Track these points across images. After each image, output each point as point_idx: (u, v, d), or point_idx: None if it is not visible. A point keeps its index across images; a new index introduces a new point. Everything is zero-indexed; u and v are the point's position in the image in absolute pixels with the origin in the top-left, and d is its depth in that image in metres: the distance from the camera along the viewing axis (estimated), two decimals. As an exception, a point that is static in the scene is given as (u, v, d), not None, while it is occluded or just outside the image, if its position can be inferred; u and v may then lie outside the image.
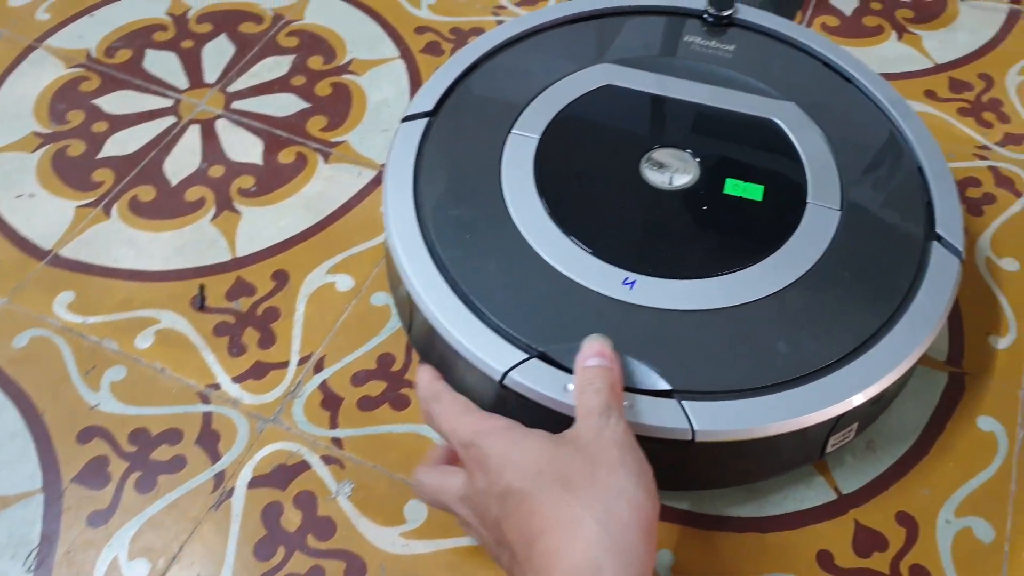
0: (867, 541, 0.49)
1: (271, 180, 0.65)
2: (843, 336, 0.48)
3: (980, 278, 0.60)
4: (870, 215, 0.53)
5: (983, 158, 0.67)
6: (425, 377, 0.46)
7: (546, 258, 0.50)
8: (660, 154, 0.55)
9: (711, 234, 0.52)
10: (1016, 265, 0.61)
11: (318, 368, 0.55)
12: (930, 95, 0.72)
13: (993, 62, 0.74)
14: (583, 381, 0.43)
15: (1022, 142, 0.68)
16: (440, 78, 0.60)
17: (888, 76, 0.73)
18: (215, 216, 0.63)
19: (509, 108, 0.58)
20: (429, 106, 0.58)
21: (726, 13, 0.63)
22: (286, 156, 0.67)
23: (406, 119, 0.57)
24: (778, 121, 0.57)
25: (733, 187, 0.54)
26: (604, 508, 0.37)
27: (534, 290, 0.49)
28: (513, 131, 0.56)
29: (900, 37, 0.77)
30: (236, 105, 0.70)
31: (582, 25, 0.64)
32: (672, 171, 0.55)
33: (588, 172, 0.55)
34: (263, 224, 0.63)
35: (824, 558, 0.49)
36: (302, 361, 0.56)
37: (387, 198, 0.53)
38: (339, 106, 0.70)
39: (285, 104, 0.70)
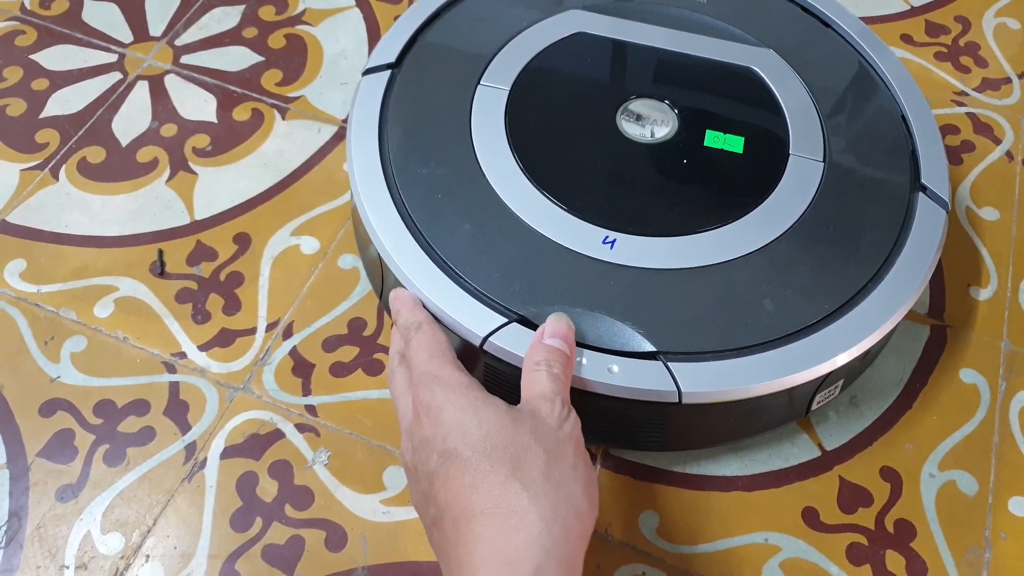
0: (852, 497, 0.49)
1: (227, 138, 0.62)
2: (829, 293, 0.47)
3: (960, 228, 0.59)
4: (854, 166, 0.51)
5: (961, 104, 0.66)
6: (408, 302, 0.45)
7: (522, 217, 0.48)
8: (637, 105, 0.53)
9: (692, 189, 0.51)
10: (996, 214, 0.60)
11: (287, 334, 0.53)
12: (906, 39, 0.70)
13: (970, 4, 0.73)
14: (541, 357, 0.41)
15: (1000, 87, 0.67)
16: (402, 28, 0.57)
17: (864, 20, 0.71)
18: (170, 177, 0.60)
19: (476, 59, 0.55)
20: (391, 58, 0.55)
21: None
22: (241, 113, 0.63)
23: (368, 72, 0.54)
24: (757, 69, 0.55)
25: (713, 139, 0.52)
26: (552, 508, 0.35)
27: (511, 251, 0.47)
28: (481, 83, 0.54)
29: (877, -21, 0.75)
30: (185, 59, 0.66)
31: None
32: (650, 123, 0.53)
33: (562, 125, 0.53)
34: (221, 185, 0.59)
35: (810, 515, 0.48)
36: (270, 327, 0.53)
37: (352, 157, 0.50)
38: (294, 59, 0.67)
39: (237, 58, 0.66)
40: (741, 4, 0.59)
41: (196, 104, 0.64)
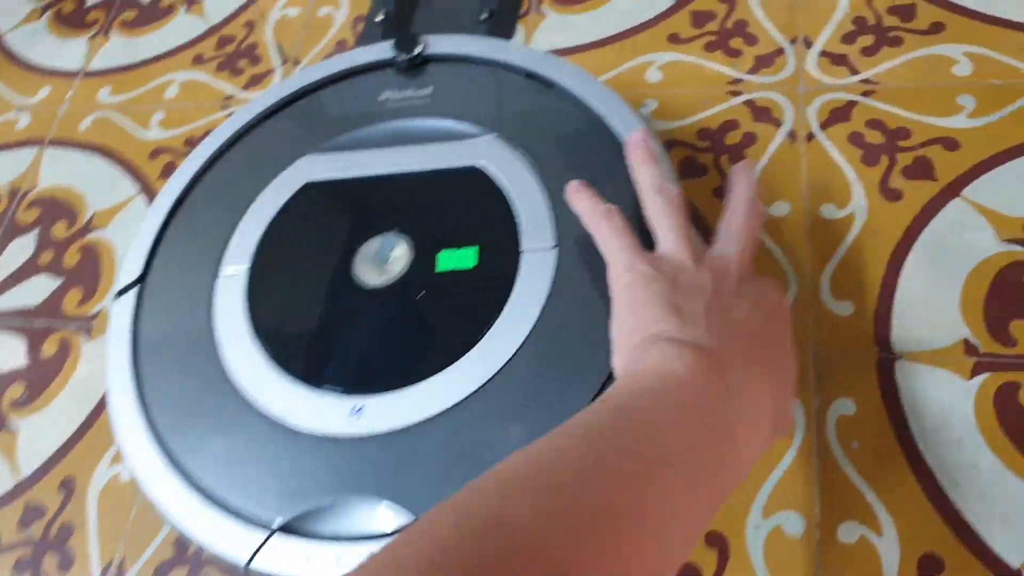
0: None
1: (40, 380, 0.63)
2: (583, 382, 0.45)
3: (751, 237, 0.57)
4: (585, 242, 0.50)
5: (737, 94, 0.63)
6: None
7: (271, 414, 0.48)
8: (371, 247, 0.52)
9: (432, 324, 0.50)
10: (787, 207, 0.57)
11: (120, 573, 0.54)
12: (674, 39, 0.67)
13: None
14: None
15: (773, 62, 0.64)
16: (144, 236, 0.57)
17: (627, 32, 0.68)
18: (-5, 439, 0.61)
19: (212, 250, 0.55)
20: (137, 272, 0.55)
21: (416, 52, 0.59)
22: (49, 347, 0.65)
23: (118, 294, 0.55)
24: (483, 165, 0.54)
25: (447, 260, 0.51)
26: None
27: (263, 454, 0.47)
28: (221, 272, 0.54)
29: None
30: (-11, 311, 0.68)
31: (285, 114, 0.61)
32: (385, 263, 0.52)
33: (303, 295, 0.52)
34: (43, 433, 0.61)
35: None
36: (104, 573, 0.54)
37: (109, 389, 0.51)
38: (90, 272, 0.67)
39: (38, 288, 0.68)
40: (465, 91, 0.58)
41: (6, 354, 0.65)
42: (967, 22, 0.62)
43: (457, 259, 0.51)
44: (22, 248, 0.70)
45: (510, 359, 0.47)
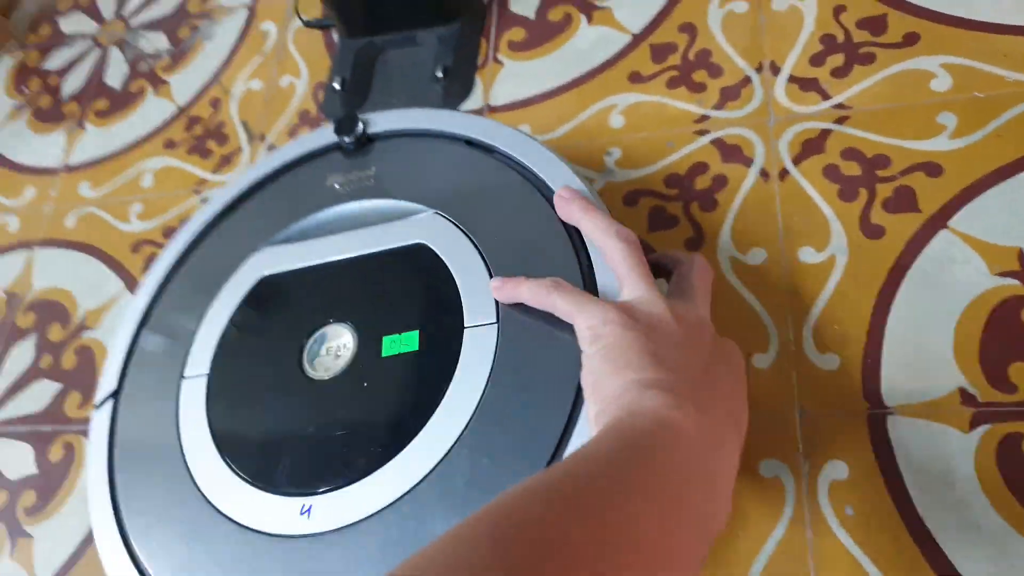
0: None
1: (49, 486, 0.65)
2: (531, 458, 0.43)
3: (730, 289, 0.54)
4: (526, 312, 0.48)
5: (704, 132, 0.60)
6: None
7: (229, 516, 0.48)
8: (317, 340, 0.52)
9: (378, 414, 0.48)
10: (763, 255, 0.55)
11: None
12: (635, 79, 0.65)
13: (687, 8, 0.66)
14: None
15: (740, 94, 0.61)
16: (118, 347, 0.57)
17: (587, 75, 0.66)
18: (12, 551, 0.63)
19: (178, 349, 0.55)
20: (113, 385, 0.56)
21: (359, 132, 0.58)
22: (55, 452, 0.66)
23: (98, 406, 0.56)
24: (426, 243, 0.52)
25: (390, 346, 0.50)
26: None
27: (223, 558, 0.46)
28: (184, 377, 0.54)
29: (591, 20, 0.69)
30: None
31: (241, 208, 0.60)
32: (332, 355, 0.51)
33: (255, 393, 0.52)
34: (57, 540, 0.62)
35: None
36: None
37: (90, 503, 0.52)
38: (87, 373, 0.69)
39: (41, 393, 0.69)
40: (407, 168, 0.56)
41: (16, 461, 0.67)
42: (943, 29, 0.58)
43: (400, 344, 0.50)
44: (23, 353, 0.72)
45: (455, 443, 0.45)
